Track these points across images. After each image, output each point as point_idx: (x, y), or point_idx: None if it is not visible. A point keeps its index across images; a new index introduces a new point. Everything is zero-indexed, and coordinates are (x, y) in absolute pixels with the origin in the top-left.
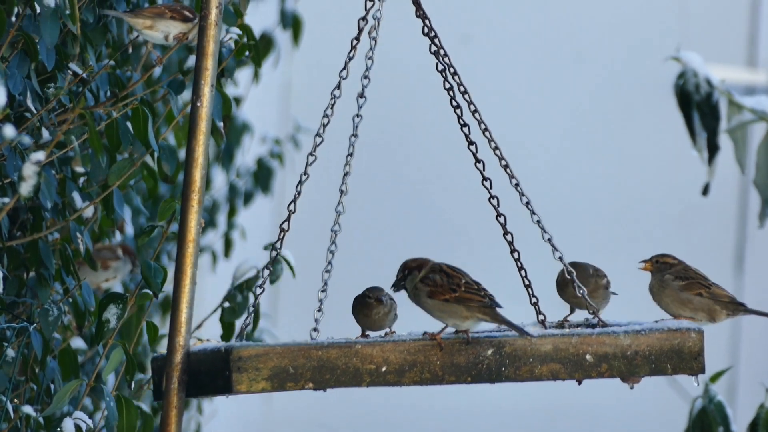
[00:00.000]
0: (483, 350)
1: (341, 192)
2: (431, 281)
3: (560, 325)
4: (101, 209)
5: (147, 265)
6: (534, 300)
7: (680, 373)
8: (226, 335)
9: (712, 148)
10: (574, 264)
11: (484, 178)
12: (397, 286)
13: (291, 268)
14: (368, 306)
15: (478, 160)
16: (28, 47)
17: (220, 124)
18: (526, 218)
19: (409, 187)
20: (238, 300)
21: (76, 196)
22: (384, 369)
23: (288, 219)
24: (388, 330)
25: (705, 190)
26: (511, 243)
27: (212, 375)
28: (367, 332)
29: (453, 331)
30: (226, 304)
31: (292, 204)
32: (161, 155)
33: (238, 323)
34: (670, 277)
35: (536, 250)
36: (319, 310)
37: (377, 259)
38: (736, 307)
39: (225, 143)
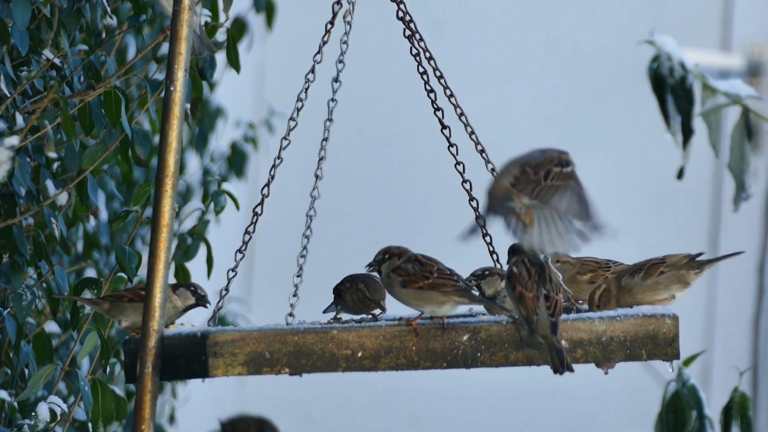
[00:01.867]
0: (459, 336)
1: (316, 177)
2: (404, 271)
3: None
4: (75, 195)
5: (121, 250)
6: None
7: (655, 358)
8: (183, 278)
9: (687, 132)
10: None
11: (458, 162)
12: (371, 266)
13: (234, 201)
14: (367, 306)
15: (451, 144)
16: (0, 31)
17: (187, 106)
18: None
19: (383, 172)
20: (189, 243)
21: (50, 184)
22: (360, 354)
23: (261, 203)
24: (363, 315)
25: (679, 174)
26: (483, 227)
27: (188, 359)
28: (339, 316)
29: (429, 317)
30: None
31: (266, 188)
32: (135, 139)
33: (206, 310)
34: (627, 278)
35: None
36: (294, 296)
37: (352, 243)
38: (699, 263)
39: (199, 128)
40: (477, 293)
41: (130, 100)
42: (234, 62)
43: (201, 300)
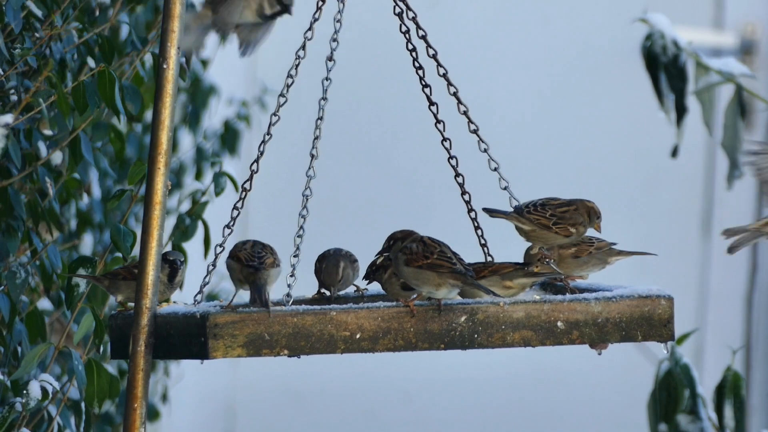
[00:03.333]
0: (456, 317)
1: (312, 156)
2: (408, 250)
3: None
4: (68, 158)
5: (116, 229)
6: (489, 259)
7: (650, 340)
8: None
9: (680, 110)
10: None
11: (444, 139)
12: (380, 254)
13: (234, 183)
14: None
15: (438, 120)
16: None
17: (182, 60)
18: (494, 182)
19: (378, 150)
20: (187, 223)
21: (42, 146)
22: (358, 336)
23: (250, 178)
24: (354, 287)
25: (674, 152)
26: (468, 203)
27: (185, 340)
28: (323, 290)
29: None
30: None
31: (255, 164)
32: (125, 95)
33: (197, 279)
34: (565, 251)
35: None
36: (291, 275)
37: (349, 223)
38: (618, 252)
39: (191, 106)
40: (473, 277)
41: (120, 53)
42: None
43: (173, 267)
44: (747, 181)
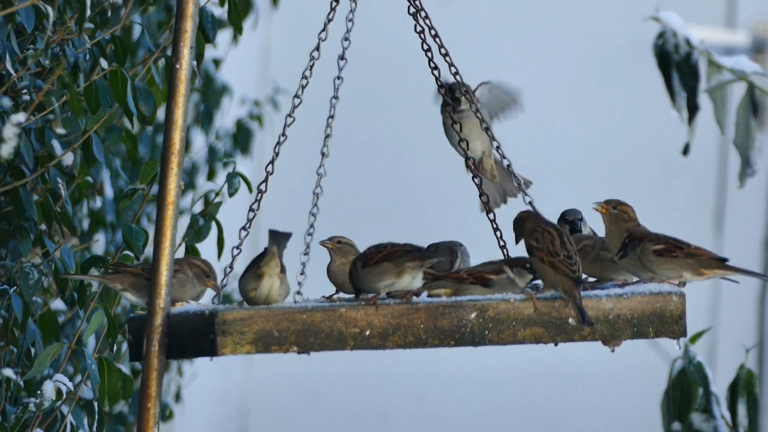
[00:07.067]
0: (466, 314)
1: (323, 154)
2: (361, 255)
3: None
4: (80, 158)
5: (128, 228)
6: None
7: (662, 336)
8: None
9: (692, 108)
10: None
11: (461, 139)
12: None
13: (248, 183)
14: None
15: (455, 121)
16: (6, 8)
17: (194, 63)
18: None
19: (389, 149)
20: (200, 224)
21: (56, 145)
22: (368, 333)
23: (266, 180)
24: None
25: (686, 150)
26: (486, 203)
27: (196, 338)
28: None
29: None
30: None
31: (270, 165)
32: (138, 96)
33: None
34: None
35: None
36: (302, 273)
37: (359, 221)
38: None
39: (204, 105)
40: (427, 253)
41: (132, 53)
42: (234, 21)
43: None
44: (759, 179)
